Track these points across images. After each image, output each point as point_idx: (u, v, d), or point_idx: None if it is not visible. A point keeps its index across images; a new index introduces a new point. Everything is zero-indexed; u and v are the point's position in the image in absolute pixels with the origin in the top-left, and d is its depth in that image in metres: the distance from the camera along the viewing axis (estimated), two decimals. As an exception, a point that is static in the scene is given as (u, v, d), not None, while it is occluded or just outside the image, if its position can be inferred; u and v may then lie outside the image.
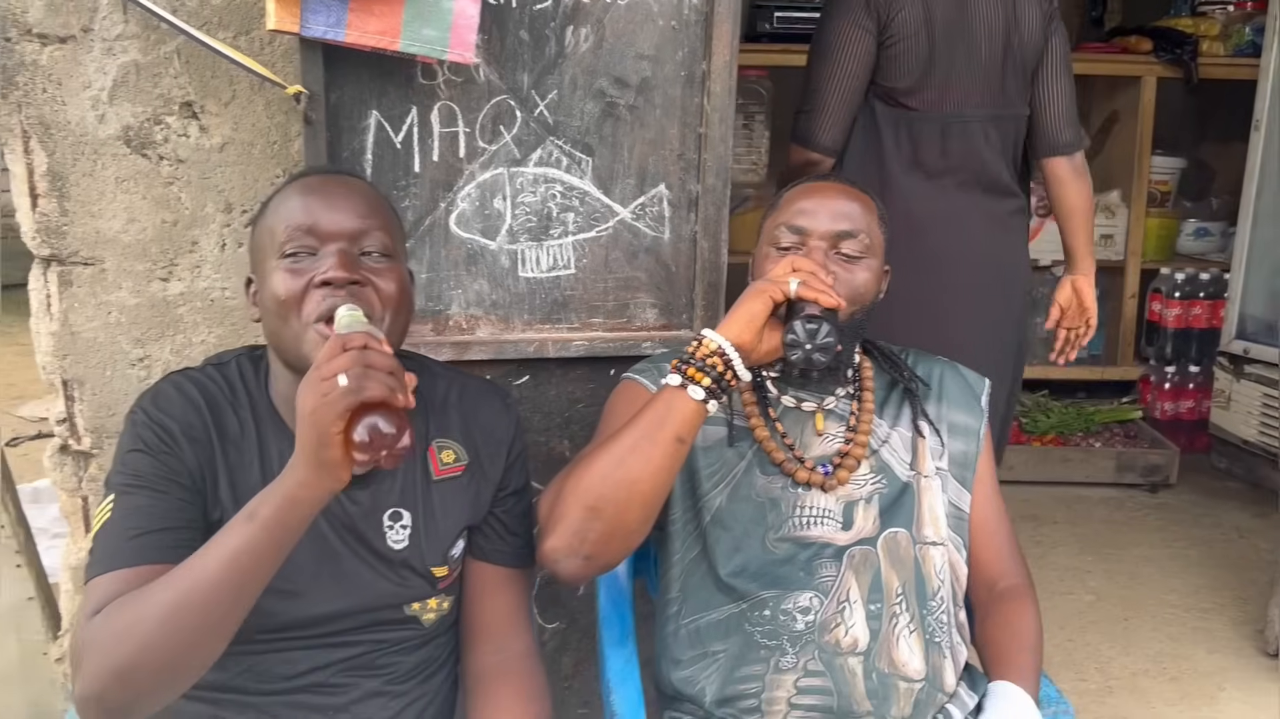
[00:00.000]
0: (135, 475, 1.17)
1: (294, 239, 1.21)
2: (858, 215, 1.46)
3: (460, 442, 1.36)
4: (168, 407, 1.23)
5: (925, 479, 1.49)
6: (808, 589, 1.40)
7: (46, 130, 1.71)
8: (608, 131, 1.81)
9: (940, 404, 1.56)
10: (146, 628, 1.04)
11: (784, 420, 1.50)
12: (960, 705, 1.42)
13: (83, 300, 1.78)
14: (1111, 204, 4.05)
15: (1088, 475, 3.67)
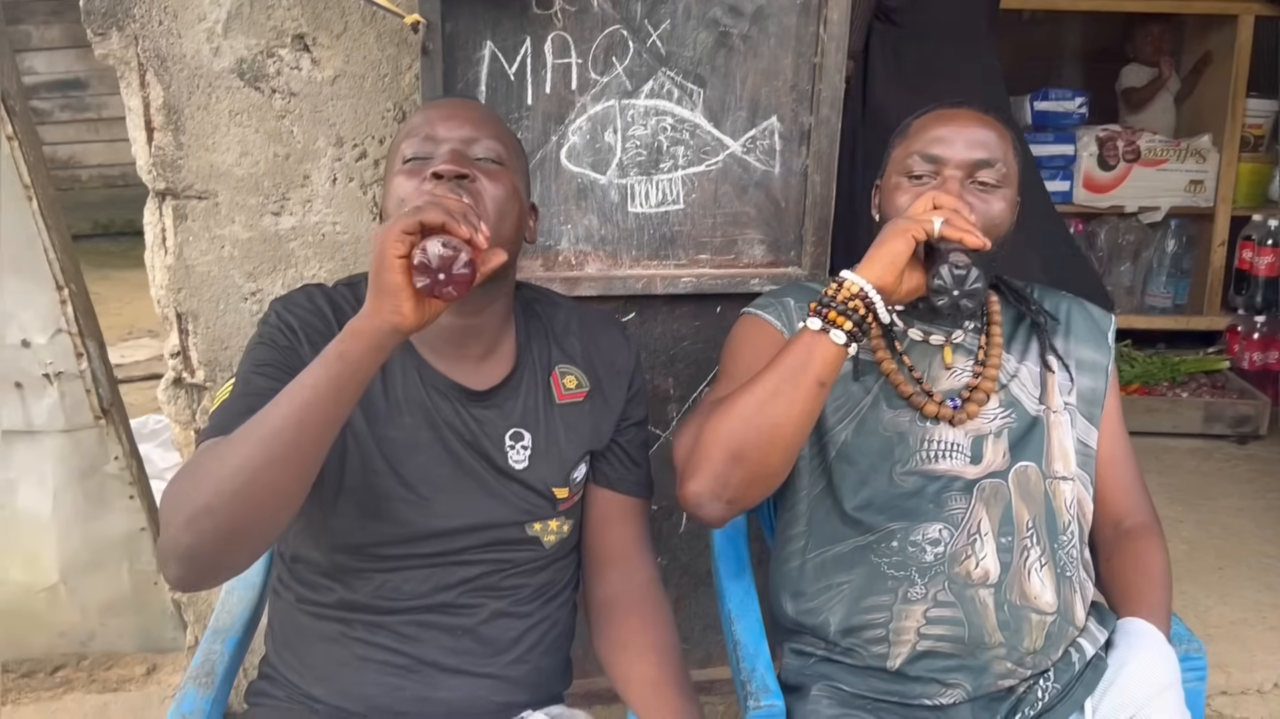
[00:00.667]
0: (256, 363, 1.21)
1: (412, 145, 1.24)
2: (994, 143, 1.40)
3: (582, 368, 1.37)
4: (295, 309, 1.27)
5: (1055, 414, 1.45)
6: (937, 521, 1.38)
7: (162, 63, 1.71)
8: (720, 62, 1.77)
9: (1068, 340, 1.51)
10: (220, 470, 1.01)
11: (911, 354, 1.46)
12: (1091, 639, 1.40)
13: (196, 234, 1.80)
14: (1202, 149, 3.93)
15: (1174, 426, 3.59)
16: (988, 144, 1.40)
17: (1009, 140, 1.43)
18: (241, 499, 1.01)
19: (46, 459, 2.03)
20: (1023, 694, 1.37)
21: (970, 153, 1.38)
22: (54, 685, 2.13)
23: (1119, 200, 3.96)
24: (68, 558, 2.11)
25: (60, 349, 1.92)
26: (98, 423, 2.00)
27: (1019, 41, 4.69)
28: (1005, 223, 1.41)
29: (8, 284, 1.87)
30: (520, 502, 1.30)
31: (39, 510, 2.07)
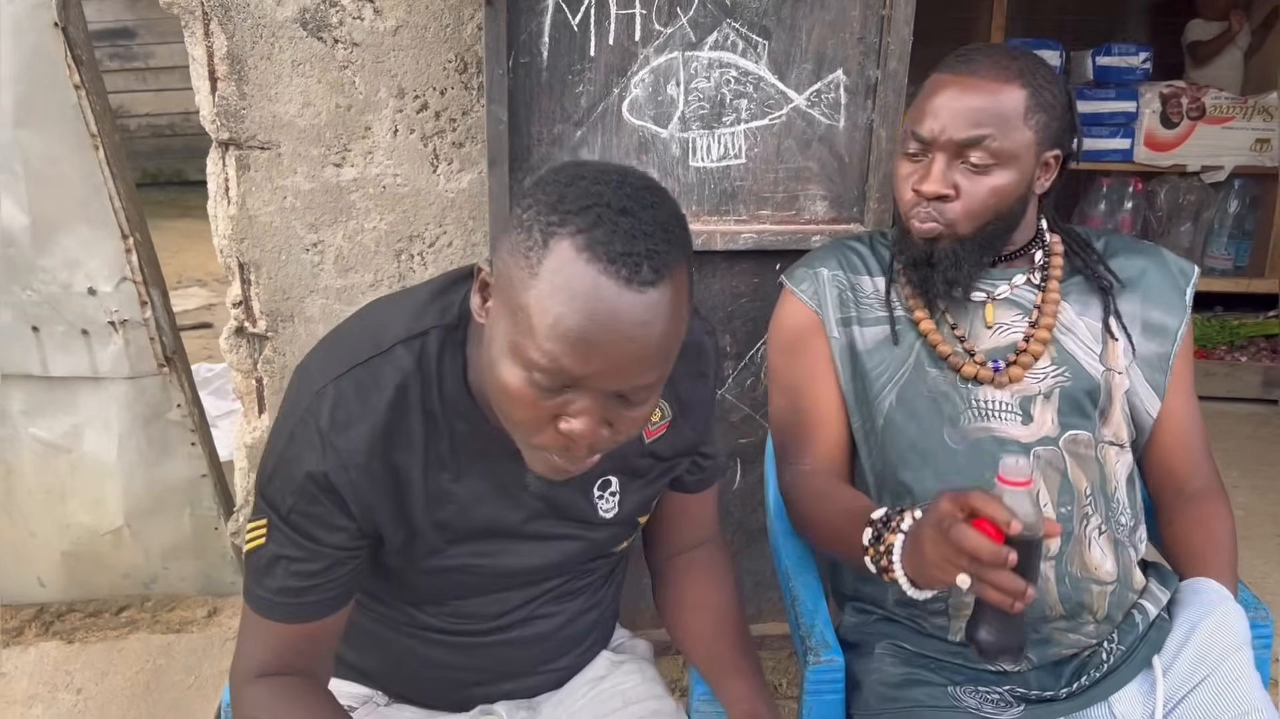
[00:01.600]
0: (294, 517, 1.04)
1: (549, 369, 0.91)
2: (988, 115, 1.28)
3: (665, 397, 1.19)
4: (342, 430, 1.02)
5: (1118, 375, 1.39)
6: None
7: (226, 12, 1.71)
8: (786, 13, 1.74)
9: (1138, 300, 1.43)
10: None
11: (952, 309, 1.41)
12: (1153, 600, 1.38)
13: (259, 184, 1.81)
14: (1270, 105, 3.82)
15: (1231, 390, 3.53)
16: (979, 117, 1.28)
17: (1023, 101, 1.29)
18: None
19: (111, 405, 2.06)
20: (1087, 657, 1.36)
21: (956, 131, 1.29)
22: (119, 625, 2.18)
23: (1181, 159, 3.86)
24: (132, 502, 2.16)
25: (125, 297, 1.95)
26: (161, 370, 2.03)
27: (1082, -6, 4.58)
28: (1005, 200, 1.31)
29: (75, 232, 1.90)
30: (608, 539, 1.24)
31: (104, 455, 2.11)
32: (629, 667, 1.35)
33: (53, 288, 1.95)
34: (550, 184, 0.93)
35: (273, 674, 1.08)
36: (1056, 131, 1.33)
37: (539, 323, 0.88)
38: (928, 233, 1.33)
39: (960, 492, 1.06)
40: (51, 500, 2.15)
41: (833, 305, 1.44)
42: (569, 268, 0.87)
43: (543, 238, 0.89)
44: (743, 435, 2.01)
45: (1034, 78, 1.31)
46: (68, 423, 2.09)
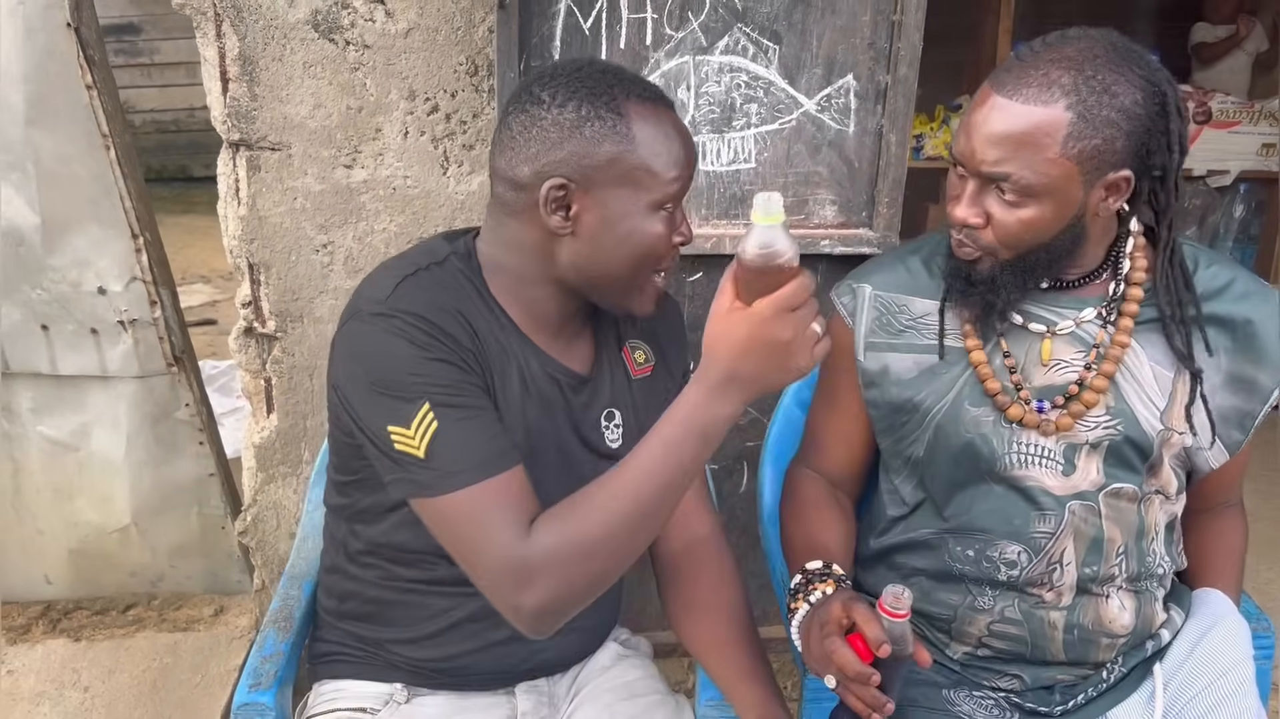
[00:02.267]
0: (445, 383, 1.10)
1: (677, 195, 1.15)
2: (1016, 145, 1.13)
3: (648, 342, 1.36)
4: (430, 308, 1.13)
5: (1177, 435, 1.26)
6: (1018, 542, 1.28)
7: (238, 13, 1.72)
8: (797, 18, 1.75)
9: (1235, 352, 1.26)
10: (609, 544, 1.06)
11: (1009, 338, 1.29)
12: (1170, 627, 1.36)
13: (269, 185, 1.81)
14: (1276, 111, 3.82)
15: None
16: (1003, 150, 1.14)
17: (1062, 126, 1.12)
18: (633, 555, 1.09)
19: (120, 404, 2.07)
20: (1087, 678, 1.35)
21: (984, 160, 1.16)
22: (126, 623, 2.19)
23: (1187, 163, 3.83)
24: (139, 501, 2.16)
25: (135, 297, 1.95)
26: (170, 370, 2.04)
27: (1089, -2, 4.57)
28: (1035, 234, 1.19)
29: (86, 231, 1.90)
30: None
31: (112, 454, 2.11)
32: (634, 661, 1.40)
33: (62, 287, 1.95)
34: (564, 86, 1.12)
35: (529, 519, 1.08)
36: (1121, 152, 1.15)
37: (660, 165, 1.12)
38: (964, 255, 1.25)
39: (850, 601, 1.14)
40: (59, 498, 2.16)
41: (866, 327, 1.37)
42: (647, 117, 1.12)
43: (614, 113, 1.11)
44: (750, 439, 2.01)
45: (1087, 96, 1.12)
46: (76, 421, 2.09)
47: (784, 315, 0.99)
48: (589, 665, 1.39)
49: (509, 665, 1.31)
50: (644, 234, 1.14)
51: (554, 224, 1.14)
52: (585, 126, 1.10)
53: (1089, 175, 1.15)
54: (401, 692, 1.30)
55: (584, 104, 1.11)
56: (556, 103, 1.11)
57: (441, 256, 1.21)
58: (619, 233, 1.14)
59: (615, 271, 1.17)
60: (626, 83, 1.14)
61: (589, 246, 1.15)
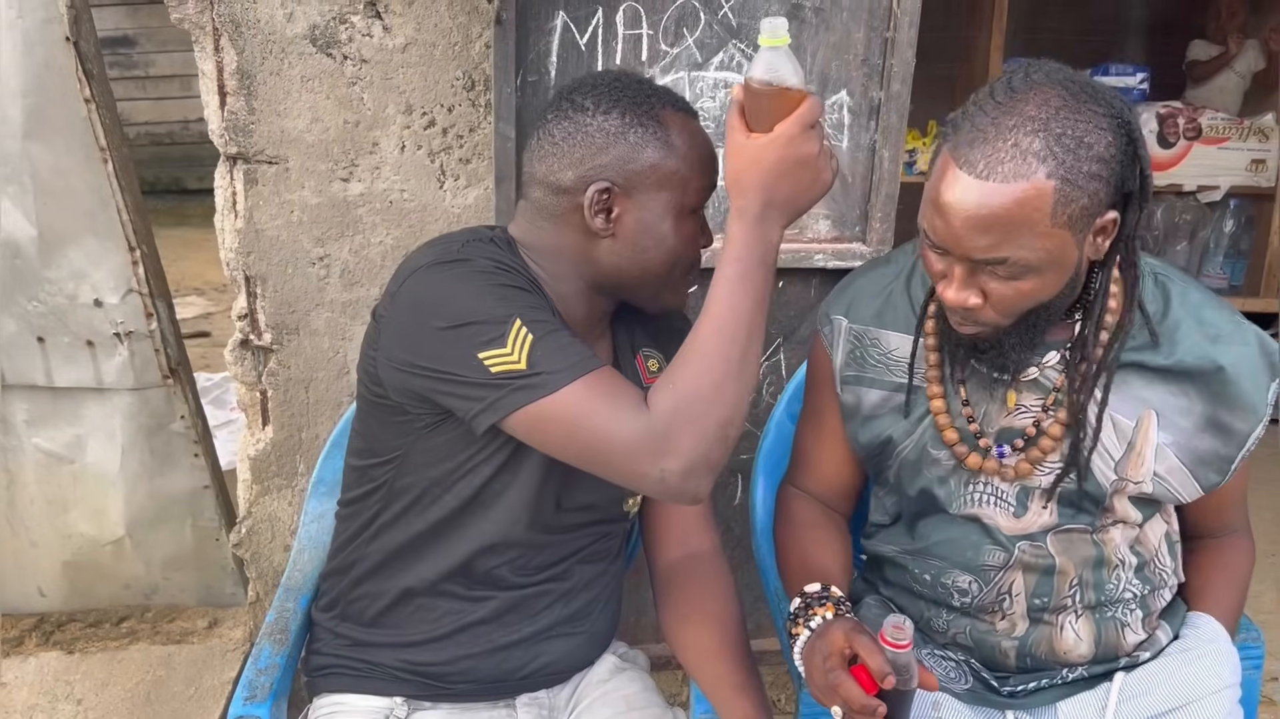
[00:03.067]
0: (529, 305, 1.13)
1: (704, 200, 1.25)
2: (1004, 233, 1.06)
3: (660, 349, 1.38)
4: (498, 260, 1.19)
5: (1133, 485, 1.24)
6: (968, 572, 1.31)
7: (237, 28, 1.73)
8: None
9: (1209, 398, 1.21)
10: (723, 386, 1.08)
11: (970, 384, 1.28)
12: (1152, 646, 1.34)
13: (266, 198, 1.82)
14: (1265, 127, 3.85)
15: (1226, 409, 3.55)
16: (997, 236, 1.07)
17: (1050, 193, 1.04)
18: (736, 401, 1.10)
19: (115, 416, 2.07)
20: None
21: (973, 248, 1.09)
22: (120, 636, 2.19)
23: (1178, 178, 3.89)
24: (133, 513, 2.16)
25: (131, 309, 1.96)
26: (165, 382, 2.04)
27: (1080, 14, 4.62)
28: (1039, 297, 1.13)
29: (82, 244, 1.91)
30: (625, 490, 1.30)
31: (107, 466, 2.11)
32: (631, 674, 1.41)
33: (59, 299, 1.96)
34: (607, 95, 1.20)
35: (641, 397, 1.10)
36: (1107, 197, 1.09)
37: (693, 171, 1.20)
38: (967, 333, 1.20)
39: (853, 632, 1.13)
40: (53, 510, 2.16)
41: (841, 361, 1.37)
42: (682, 126, 1.21)
43: (655, 121, 1.19)
44: (743, 451, 2.02)
45: (1065, 152, 1.05)
46: (71, 433, 2.09)
47: (808, 132, 1.06)
48: (588, 678, 1.40)
49: (509, 671, 1.31)
50: (679, 236, 1.22)
51: (597, 226, 1.20)
52: (629, 133, 1.18)
53: (1081, 233, 1.09)
54: (402, 706, 1.30)
55: (627, 112, 1.18)
56: (601, 110, 1.18)
57: (484, 237, 1.25)
58: (657, 234, 1.21)
59: (653, 270, 1.23)
60: (661, 94, 1.22)
61: (629, 248, 1.21)
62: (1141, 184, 1.12)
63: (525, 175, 1.24)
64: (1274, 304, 4.00)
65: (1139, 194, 1.13)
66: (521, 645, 1.31)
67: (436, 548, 1.28)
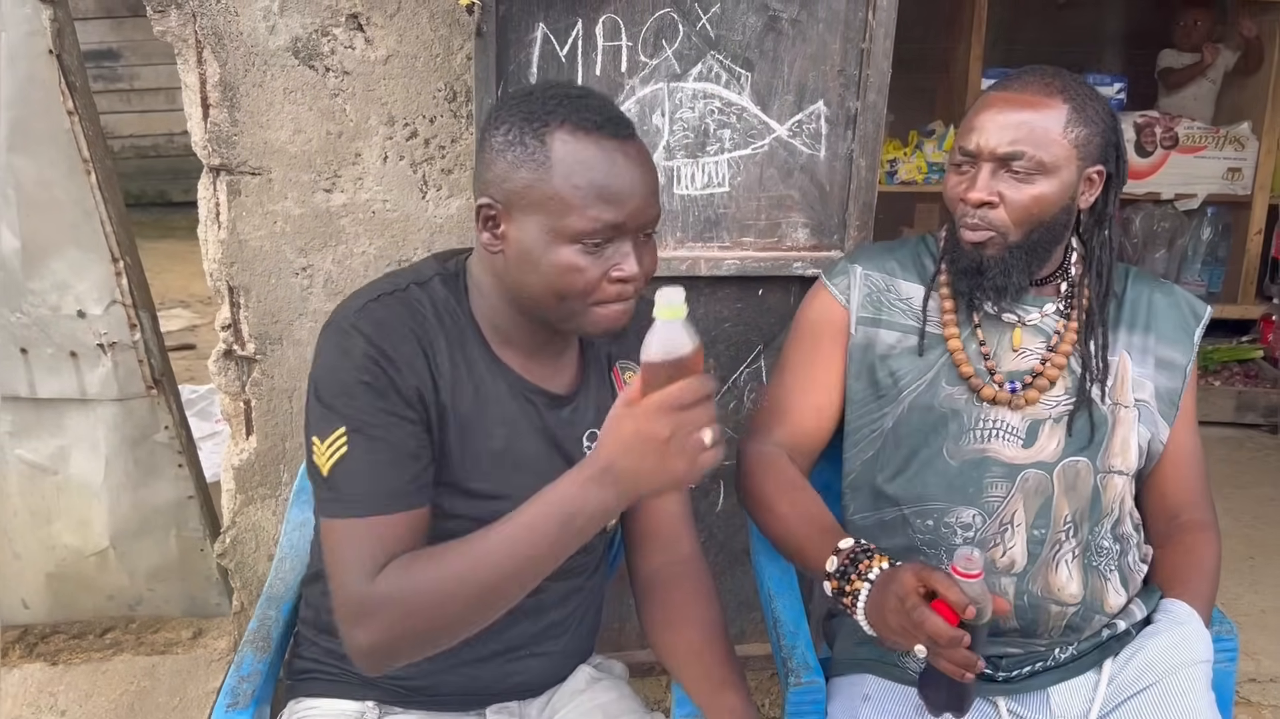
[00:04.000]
0: (369, 412, 1.13)
1: (601, 231, 1.12)
2: (1029, 128, 1.34)
3: (638, 361, 1.36)
4: (387, 333, 1.15)
5: (1124, 410, 1.44)
6: (972, 506, 1.40)
7: (219, 41, 1.74)
8: (769, 46, 1.79)
9: (1148, 335, 1.48)
10: (446, 607, 1.07)
11: (984, 327, 1.46)
12: (1127, 617, 1.42)
13: (250, 209, 1.84)
14: (1241, 136, 3.90)
15: (1206, 414, 3.57)
16: (1018, 132, 1.34)
17: (1063, 117, 1.35)
18: (471, 625, 1.10)
19: (99, 427, 2.07)
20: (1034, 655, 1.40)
21: (998, 145, 1.35)
22: (104, 647, 2.18)
23: (1155, 187, 3.93)
24: (117, 524, 2.16)
25: (114, 320, 1.96)
26: (149, 392, 2.04)
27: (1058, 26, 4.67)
28: (1049, 208, 1.36)
29: (66, 255, 1.91)
30: None
31: (91, 477, 2.12)
32: (607, 683, 1.40)
33: (42, 310, 1.96)
34: (510, 110, 1.14)
35: (376, 570, 1.09)
36: (1100, 148, 1.38)
37: (574, 197, 1.10)
38: (977, 239, 1.38)
39: (923, 571, 1.18)
40: (37, 522, 2.16)
41: (858, 303, 1.49)
42: (573, 146, 1.10)
43: (537, 139, 1.11)
44: (725, 458, 2.03)
45: (1077, 95, 1.36)
46: (54, 444, 2.10)
47: (666, 412, 0.97)
48: (562, 689, 1.39)
49: (480, 687, 1.32)
50: (557, 264, 1.12)
51: (484, 240, 1.17)
52: (509, 151, 1.13)
53: (1081, 162, 1.37)
54: (373, 709, 1.31)
55: (513, 128, 1.13)
56: (496, 125, 1.15)
57: (426, 277, 1.23)
58: (533, 259, 1.13)
59: (539, 298, 1.16)
60: (570, 108, 1.12)
61: (516, 270, 1.16)
62: (1119, 170, 1.41)
63: None
64: (1252, 310, 4.05)
65: (1116, 177, 1.42)
66: (491, 662, 1.30)
67: None
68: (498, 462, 1.22)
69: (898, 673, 1.38)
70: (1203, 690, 1.32)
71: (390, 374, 1.13)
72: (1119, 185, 1.43)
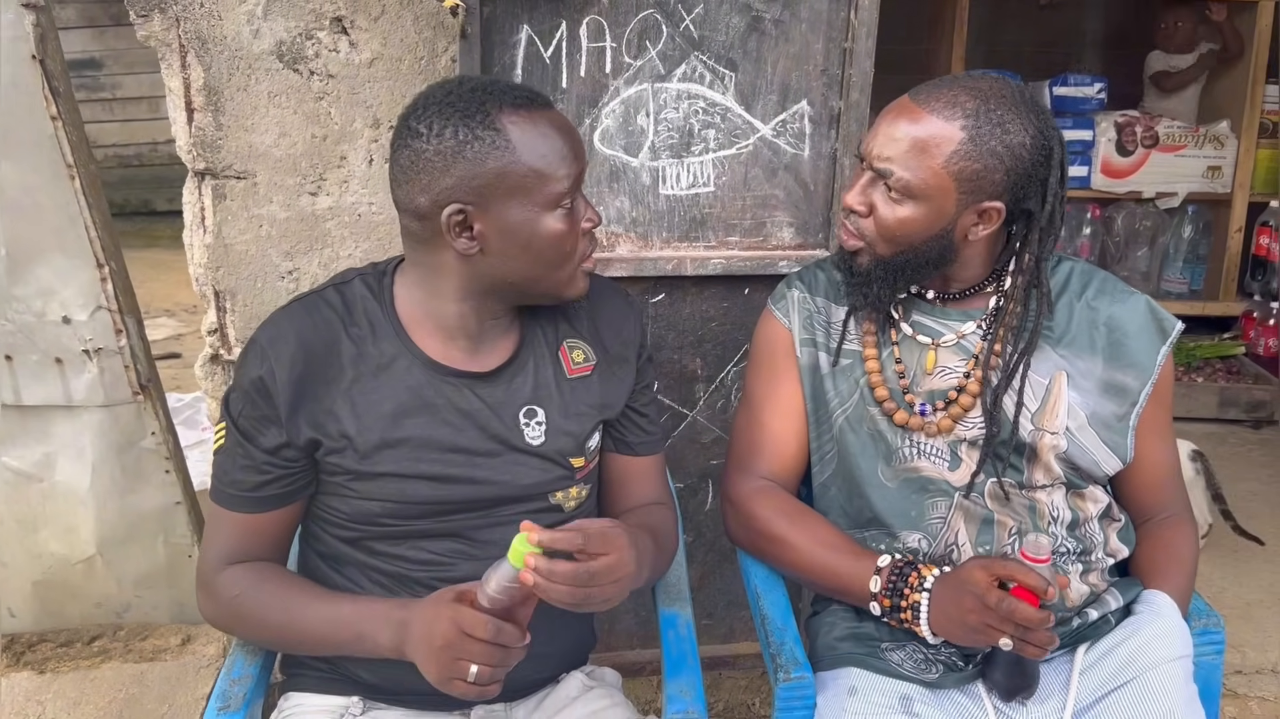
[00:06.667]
0: (242, 416, 1.24)
1: (571, 189, 1.21)
2: (905, 149, 1.27)
3: (588, 341, 1.38)
4: (279, 342, 1.24)
5: (1049, 436, 1.37)
6: (916, 529, 1.40)
7: (203, 45, 1.74)
8: (752, 46, 1.80)
9: (1094, 358, 1.39)
10: (264, 635, 1.31)
11: (903, 347, 1.43)
12: (1100, 606, 1.41)
13: (235, 213, 1.83)
14: (1220, 135, 3.93)
15: (1189, 410, 3.61)
16: (898, 148, 1.27)
17: (956, 141, 1.25)
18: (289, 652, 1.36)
19: (85, 433, 2.06)
20: None
21: (878, 156, 1.30)
22: (92, 655, 2.17)
23: (1137, 186, 3.96)
24: (105, 531, 2.15)
25: (100, 326, 1.95)
26: (136, 399, 2.03)
27: (1040, 26, 4.70)
28: (907, 233, 1.31)
29: (50, 261, 1.90)
30: (541, 474, 1.33)
31: (77, 484, 2.10)
32: (599, 692, 1.40)
33: (27, 317, 1.95)
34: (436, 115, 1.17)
35: (237, 562, 1.28)
36: (1000, 185, 1.28)
37: (546, 165, 1.17)
38: (847, 245, 1.38)
39: (992, 562, 1.24)
40: (23, 530, 2.14)
41: (799, 325, 1.48)
42: (523, 124, 1.17)
43: (487, 129, 1.15)
44: (714, 457, 2.04)
45: (984, 123, 1.25)
46: (40, 452, 2.08)
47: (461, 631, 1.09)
48: (554, 694, 1.39)
49: None
50: (549, 234, 1.20)
51: (461, 247, 1.20)
52: (466, 149, 1.15)
53: (964, 195, 1.29)
54: (358, 704, 1.32)
55: (460, 127, 1.15)
56: (434, 133, 1.16)
57: (349, 279, 1.32)
58: (524, 240, 1.20)
59: (535, 274, 1.23)
60: (498, 94, 1.18)
61: (502, 260, 1.21)
62: (1044, 208, 1.31)
63: (394, 202, 1.24)
64: (1233, 307, 4.08)
65: (1040, 217, 1.32)
66: None
67: (356, 563, 1.31)
68: (421, 449, 1.26)
69: (881, 665, 1.38)
70: (1182, 685, 1.31)
71: (268, 384, 1.22)
72: (1045, 225, 1.33)
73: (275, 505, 1.27)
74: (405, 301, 1.29)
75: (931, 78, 1.35)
